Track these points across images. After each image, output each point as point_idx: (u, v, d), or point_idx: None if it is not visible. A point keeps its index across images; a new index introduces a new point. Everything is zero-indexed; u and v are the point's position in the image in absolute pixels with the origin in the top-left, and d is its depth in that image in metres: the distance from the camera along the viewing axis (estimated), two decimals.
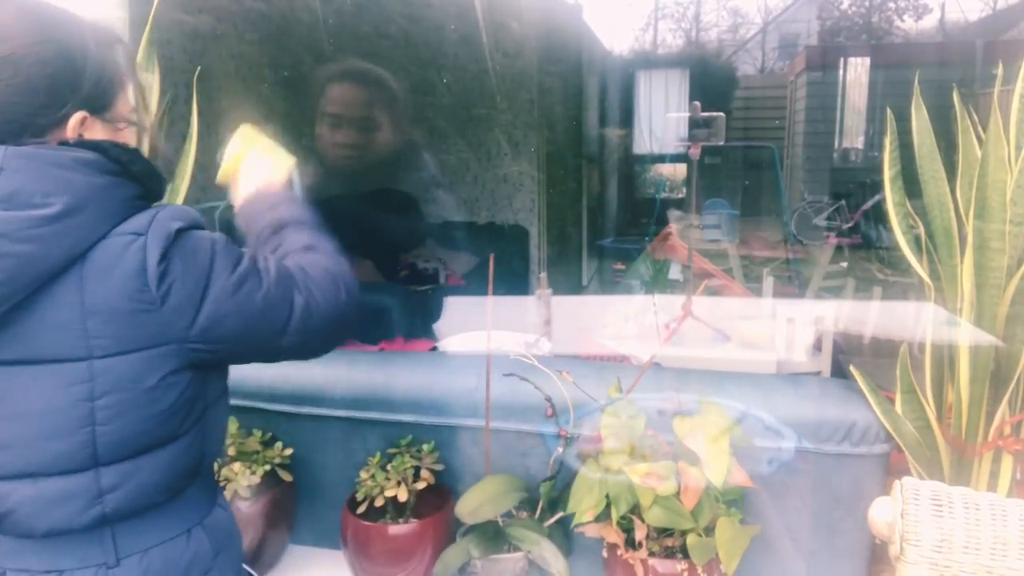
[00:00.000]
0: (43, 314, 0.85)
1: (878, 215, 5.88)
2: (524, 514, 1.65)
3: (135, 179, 0.93)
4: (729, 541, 1.43)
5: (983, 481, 1.51)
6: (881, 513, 1.41)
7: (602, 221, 7.15)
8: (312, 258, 1.01)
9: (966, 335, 1.48)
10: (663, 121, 7.46)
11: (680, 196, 7.77)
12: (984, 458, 1.51)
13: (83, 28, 0.94)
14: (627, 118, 7.57)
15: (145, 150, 1.02)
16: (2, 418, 0.88)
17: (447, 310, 2.52)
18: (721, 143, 2.80)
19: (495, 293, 1.71)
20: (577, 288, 6.02)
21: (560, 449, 1.64)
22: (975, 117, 1.48)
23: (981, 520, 1.31)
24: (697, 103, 2.92)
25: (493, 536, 1.58)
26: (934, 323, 1.55)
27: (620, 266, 5.52)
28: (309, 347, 0.98)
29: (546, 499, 1.63)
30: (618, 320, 2.51)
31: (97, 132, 0.94)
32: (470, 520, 1.56)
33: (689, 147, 2.81)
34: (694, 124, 2.83)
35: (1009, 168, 1.40)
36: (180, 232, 0.90)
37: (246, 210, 1.13)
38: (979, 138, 1.46)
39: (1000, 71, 1.46)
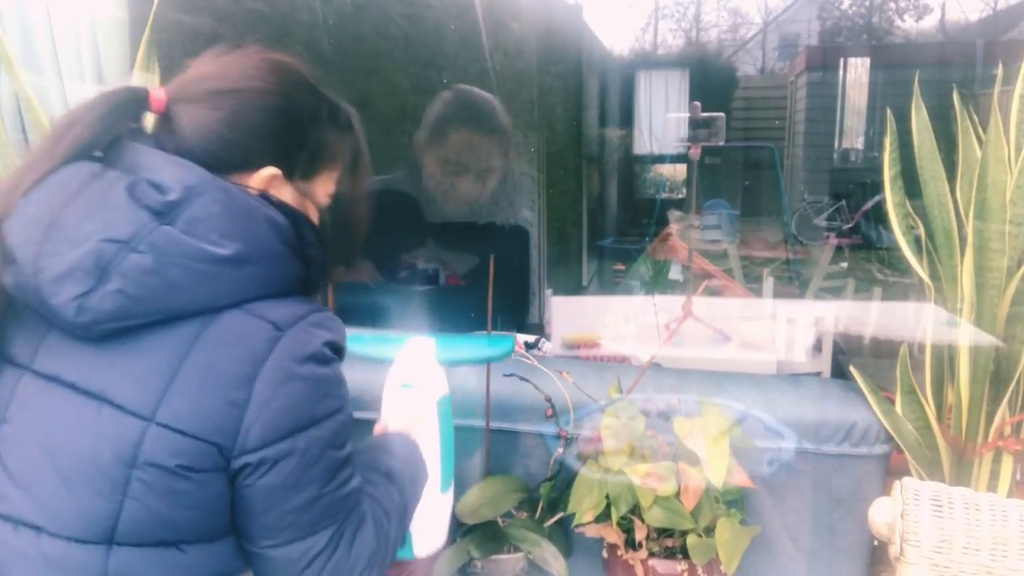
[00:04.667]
0: (141, 353, 0.78)
1: (878, 215, 5.88)
2: (524, 514, 1.65)
3: (306, 262, 0.89)
4: (729, 541, 1.43)
5: (983, 482, 1.51)
6: (881, 514, 1.41)
7: (602, 221, 7.15)
8: (375, 530, 0.91)
9: (966, 335, 1.48)
10: (663, 121, 7.47)
11: (680, 196, 7.77)
12: (984, 459, 1.51)
13: (321, 101, 0.94)
14: (627, 118, 7.57)
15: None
16: (38, 448, 0.78)
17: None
18: (721, 143, 2.80)
19: (495, 294, 1.71)
20: (577, 288, 6.02)
21: (560, 449, 1.64)
22: (975, 117, 1.48)
23: (981, 521, 1.31)
24: (697, 103, 2.92)
25: (493, 536, 1.58)
26: (934, 323, 1.55)
27: (620, 266, 5.52)
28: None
29: (546, 499, 1.63)
30: (618, 320, 2.51)
31: (283, 193, 0.90)
32: (470, 520, 1.56)
33: (689, 147, 2.81)
34: (694, 124, 2.83)
35: (1009, 169, 1.40)
36: (321, 355, 0.83)
37: (375, 440, 1.09)
38: (979, 138, 1.46)
39: (1000, 71, 1.46)
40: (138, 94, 0.87)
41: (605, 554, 1.55)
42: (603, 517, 1.49)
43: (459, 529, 1.64)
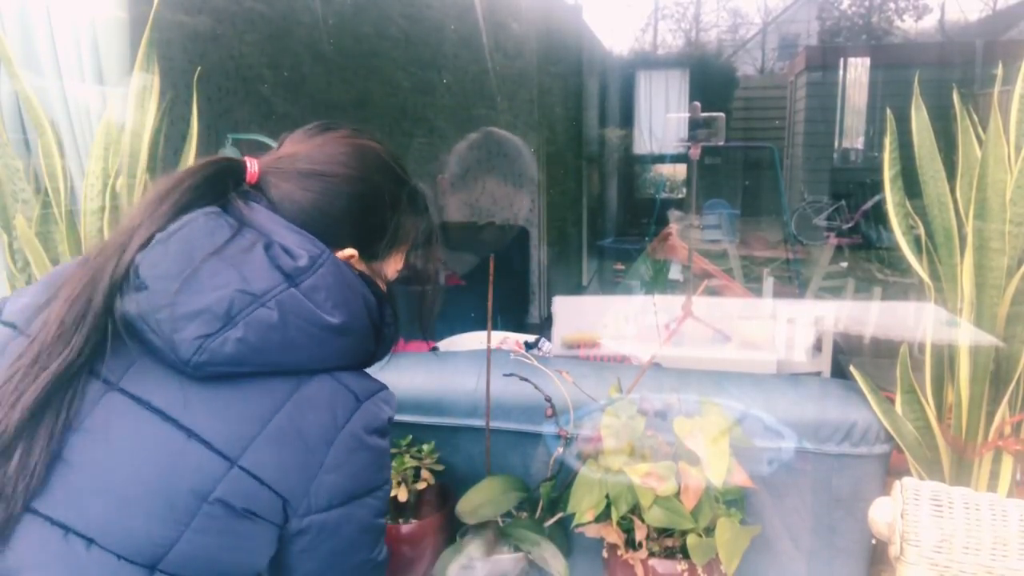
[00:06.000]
0: (237, 398, 0.83)
1: (878, 215, 5.88)
2: (524, 514, 1.65)
3: (378, 340, 0.95)
4: (729, 541, 1.43)
5: (983, 481, 1.51)
6: (881, 513, 1.41)
7: (602, 221, 7.16)
8: None
9: (966, 335, 1.48)
10: (663, 121, 7.47)
11: (680, 196, 7.78)
12: (984, 458, 1.51)
13: (402, 186, 1.00)
14: (627, 118, 7.58)
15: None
16: (112, 463, 0.80)
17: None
18: (721, 143, 2.81)
19: (495, 294, 1.71)
20: (577, 288, 6.03)
21: (560, 449, 1.64)
22: (975, 117, 1.48)
23: (981, 521, 1.31)
24: (697, 103, 2.93)
25: (493, 536, 1.58)
26: (934, 323, 1.55)
27: (620, 266, 5.52)
28: None
29: (546, 499, 1.63)
30: (618, 320, 2.51)
31: (360, 271, 0.97)
32: (470, 520, 1.56)
33: (689, 147, 2.81)
34: (694, 124, 2.84)
35: (1009, 168, 1.40)
36: (384, 429, 0.91)
37: None
38: (979, 138, 1.46)
39: (1000, 71, 1.46)
40: (236, 166, 0.93)
41: (605, 554, 1.55)
42: (603, 517, 1.49)
43: (459, 529, 1.64)
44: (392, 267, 1.03)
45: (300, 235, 0.89)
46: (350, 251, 0.95)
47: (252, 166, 0.93)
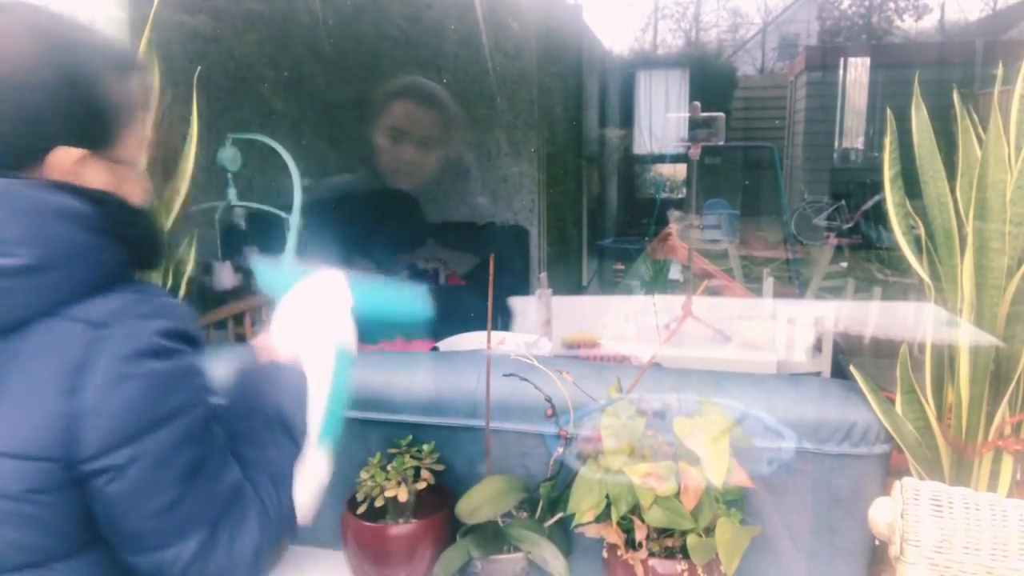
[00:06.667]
0: None
1: (878, 215, 5.88)
2: (524, 514, 1.65)
3: (128, 243, 0.79)
4: (729, 541, 1.43)
5: (983, 482, 1.51)
6: (881, 513, 1.41)
7: (602, 221, 7.16)
8: (259, 523, 0.87)
9: (966, 335, 1.48)
10: (663, 121, 7.47)
11: (680, 196, 7.78)
12: (984, 458, 1.51)
13: (95, 53, 0.80)
14: (627, 118, 7.58)
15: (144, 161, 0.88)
16: None
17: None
18: (721, 143, 2.80)
19: (495, 293, 1.71)
20: (577, 288, 6.03)
21: (560, 449, 1.64)
22: (975, 117, 1.48)
23: (981, 521, 1.31)
24: (697, 103, 2.93)
25: (493, 536, 1.58)
26: (934, 323, 1.55)
27: (620, 266, 5.53)
28: None
29: (546, 499, 1.63)
30: (618, 320, 2.51)
31: (99, 172, 0.80)
32: (470, 520, 1.56)
33: (689, 147, 2.81)
34: (694, 124, 2.83)
35: (1009, 168, 1.40)
36: (156, 348, 0.75)
37: (259, 362, 0.98)
38: (979, 138, 1.46)
39: (1000, 71, 1.46)
40: None
41: (605, 554, 1.55)
42: (603, 517, 1.49)
43: (459, 529, 1.64)
44: (132, 146, 0.84)
45: None
46: (75, 152, 0.77)
47: None
